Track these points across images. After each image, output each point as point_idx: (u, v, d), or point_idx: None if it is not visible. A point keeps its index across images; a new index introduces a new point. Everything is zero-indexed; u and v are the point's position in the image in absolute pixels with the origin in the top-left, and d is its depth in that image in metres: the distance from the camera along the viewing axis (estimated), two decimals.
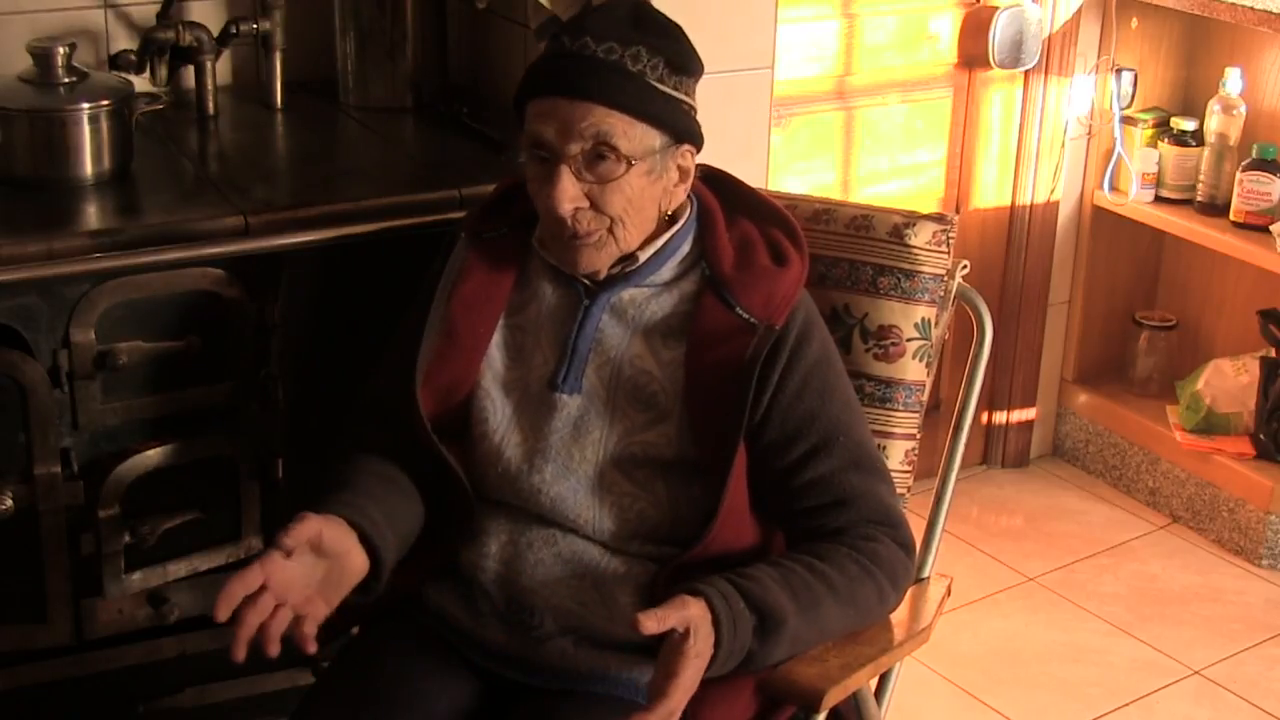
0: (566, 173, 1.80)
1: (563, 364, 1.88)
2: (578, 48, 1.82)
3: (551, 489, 1.85)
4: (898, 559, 1.85)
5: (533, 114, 1.84)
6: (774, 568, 1.77)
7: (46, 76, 2.28)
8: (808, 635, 1.77)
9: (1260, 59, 3.44)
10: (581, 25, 1.84)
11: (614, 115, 1.80)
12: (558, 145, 1.81)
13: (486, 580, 1.86)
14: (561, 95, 1.80)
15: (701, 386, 1.84)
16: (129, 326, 2.15)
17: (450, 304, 1.91)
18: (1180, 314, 3.73)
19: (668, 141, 1.85)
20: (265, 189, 2.33)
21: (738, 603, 1.69)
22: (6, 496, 2.11)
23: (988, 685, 2.98)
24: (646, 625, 1.60)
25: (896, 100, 3.34)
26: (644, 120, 1.82)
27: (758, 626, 1.71)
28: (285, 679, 2.43)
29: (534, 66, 1.87)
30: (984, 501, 3.65)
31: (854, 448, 1.86)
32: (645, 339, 1.88)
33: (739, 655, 1.70)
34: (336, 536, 1.72)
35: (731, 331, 1.84)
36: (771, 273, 1.88)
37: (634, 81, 1.81)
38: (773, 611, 1.71)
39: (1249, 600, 3.29)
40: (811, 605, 1.76)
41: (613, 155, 1.80)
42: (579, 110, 1.79)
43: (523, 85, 1.87)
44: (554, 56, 1.84)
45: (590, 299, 1.90)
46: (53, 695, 2.30)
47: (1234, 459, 3.43)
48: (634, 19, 1.86)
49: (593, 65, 1.80)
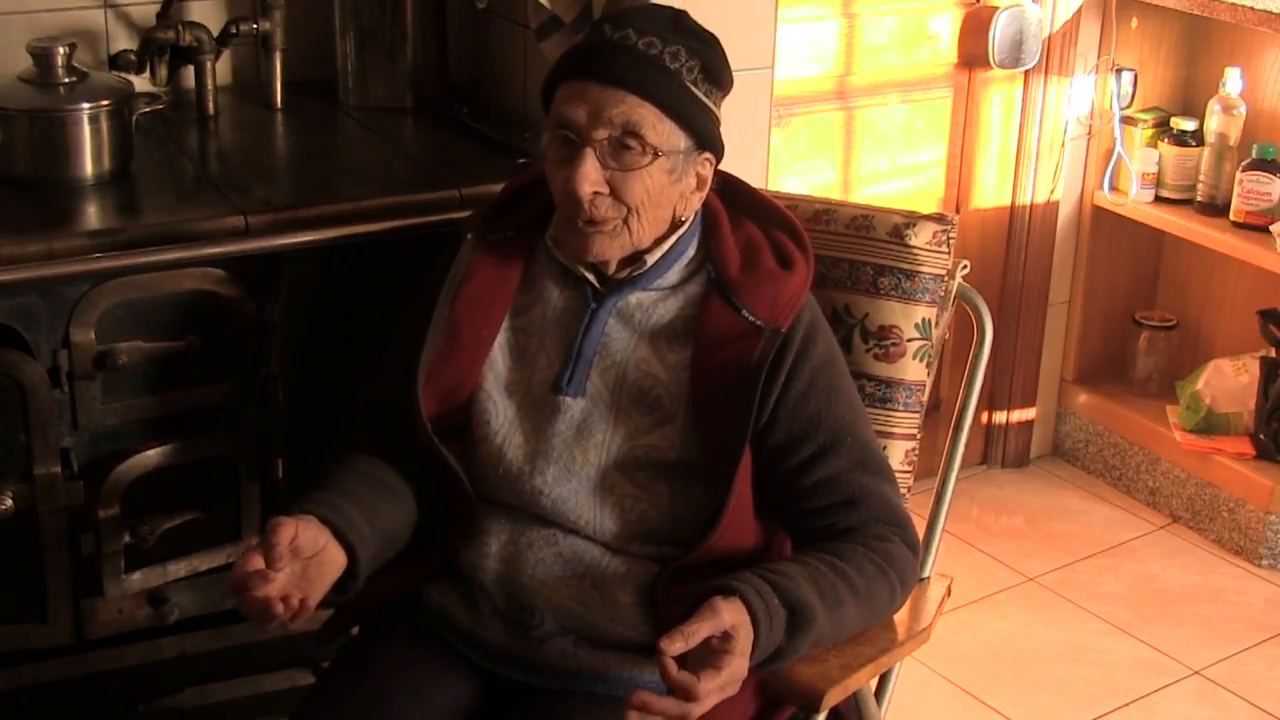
0: (591, 156, 1.81)
1: (567, 367, 1.88)
2: (619, 38, 1.83)
3: (553, 491, 1.85)
4: (907, 559, 1.86)
5: (563, 96, 1.84)
6: (801, 565, 1.77)
7: (46, 76, 2.28)
8: (830, 633, 1.77)
9: (1260, 59, 3.44)
10: (624, 18, 1.85)
11: (645, 107, 1.80)
12: (586, 128, 1.81)
13: (487, 580, 1.86)
14: (596, 80, 1.81)
15: (707, 389, 1.84)
16: (129, 326, 2.15)
17: (455, 305, 1.91)
18: (1180, 314, 3.73)
19: (692, 146, 1.85)
20: (265, 189, 2.33)
21: (772, 599, 1.69)
22: (6, 496, 2.11)
23: (988, 685, 2.98)
24: (673, 648, 1.56)
25: (896, 100, 3.34)
26: (673, 118, 1.82)
27: (789, 622, 1.70)
28: (285, 679, 2.43)
29: (571, 51, 1.88)
30: (984, 501, 3.65)
31: (861, 448, 1.86)
32: (651, 342, 1.88)
33: (769, 650, 1.70)
34: (310, 536, 1.72)
35: (737, 334, 1.84)
36: (777, 276, 1.88)
37: (670, 79, 1.82)
38: (805, 608, 1.71)
39: (1249, 600, 3.29)
40: (836, 604, 1.76)
41: (638, 145, 1.81)
42: (612, 96, 1.80)
43: (557, 68, 1.87)
44: (593, 44, 1.85)
45: (597, 302, 1.90)
46: (53, 695, 2.30)
47: (1234, 459, 3.43)
48: (675, 22, 1.87)
49: (632, 56, 1.81)
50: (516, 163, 2.42)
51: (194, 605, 2.32)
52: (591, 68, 1.82)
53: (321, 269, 2.26)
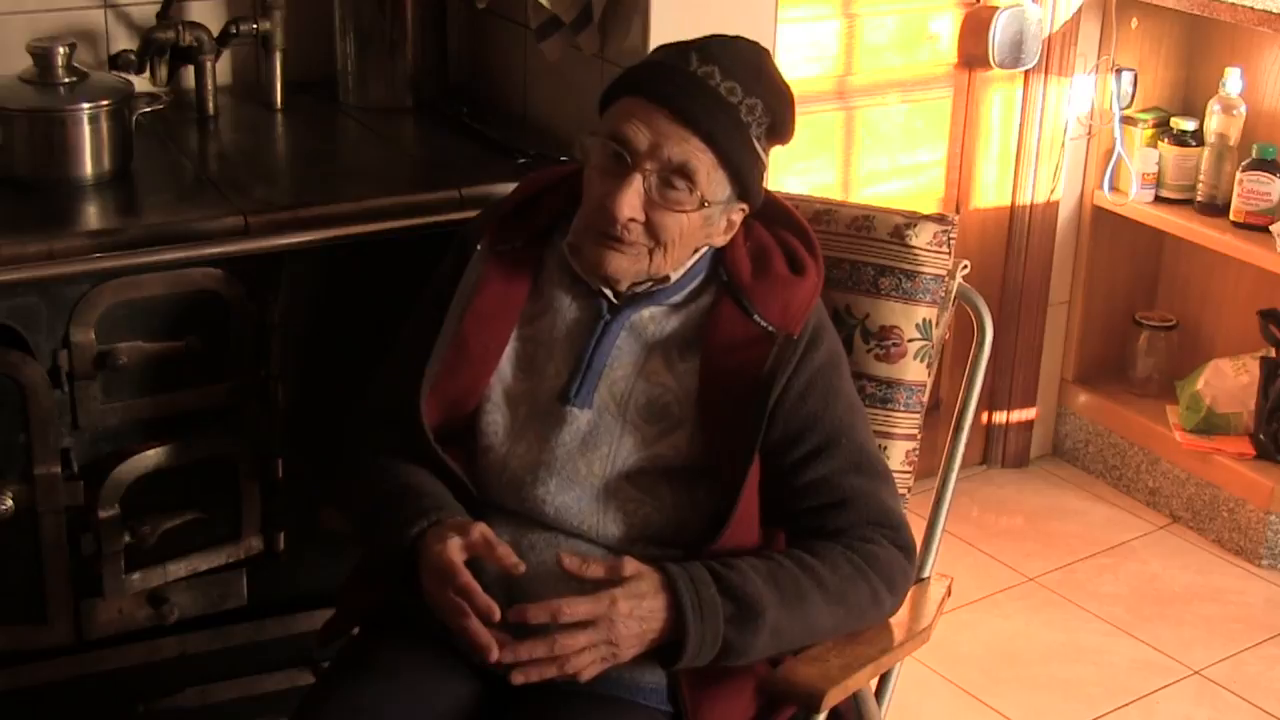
0: (638, 183, 1.79)
1: (576, 378, 1.88)
2: (703, 73, 1.81)
3: (556, 499, 1.85)
4: (895, 561, 1.85)
5: (628, 112, 1.81)
6: (760, 560, 1.77)
7: (46, 76, 2.27)
8: (793, 630, 1.77)
9: (1260, 59, 3.44)
10: (714, 53, 1.82)
11: (707, 154, 1.80)
12: (642, 155, 1.79)
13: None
14: (668, 111, 1.79)
15: (716, 393, 1.84)
16: (129, 326, 2.15)
17: (464, 319, 1.90)
18: (1180, 314, 3.73)
19: (733, 196, 1.85)
20: (265, 189, 2.33)
21: (708, 588, 1.70)
22: (6, 496, 2.11)
23: (988, 685, 2.98)
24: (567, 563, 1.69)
25: (896, 100, 3.34)
26: (727, 170, 1.82)
27: (734, 615, 1.70)
28: (285, 679, 2.43)
29: (650, 69, 1.85)
30: (984, 501, 3.65)
31: (856, 450, 1.86)
32: (662, 354, 1.88)
33: (714, 643, 1.70)
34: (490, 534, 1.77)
35: (749, 340, 1.84)
36: (789, 281, 1.88)
37: (739, 131, 1.81)
38: (751, 601, 1.71)
39: (1249, 600, 3.29)
40: (797, 599, 1.75)
41: (686, 188, 1.80)
42: (678, 134, 1.79)
43: (631, 77, 1.85)
44: (675, 71, 1.82)
45: (611, 315, 1.89)
46: (53, 695, 2.30)
47: (1234, 459, 3.43)
48: (759, 69, 1.85)
49: (712, 99, 1.80)
50: (516, 163, 2.42)
51: (194, 605, 2.31)
52: (667, 97, 1.79)
53: (321, 269, 2.26)
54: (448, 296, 1.92)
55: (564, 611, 1.67)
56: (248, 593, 2.35)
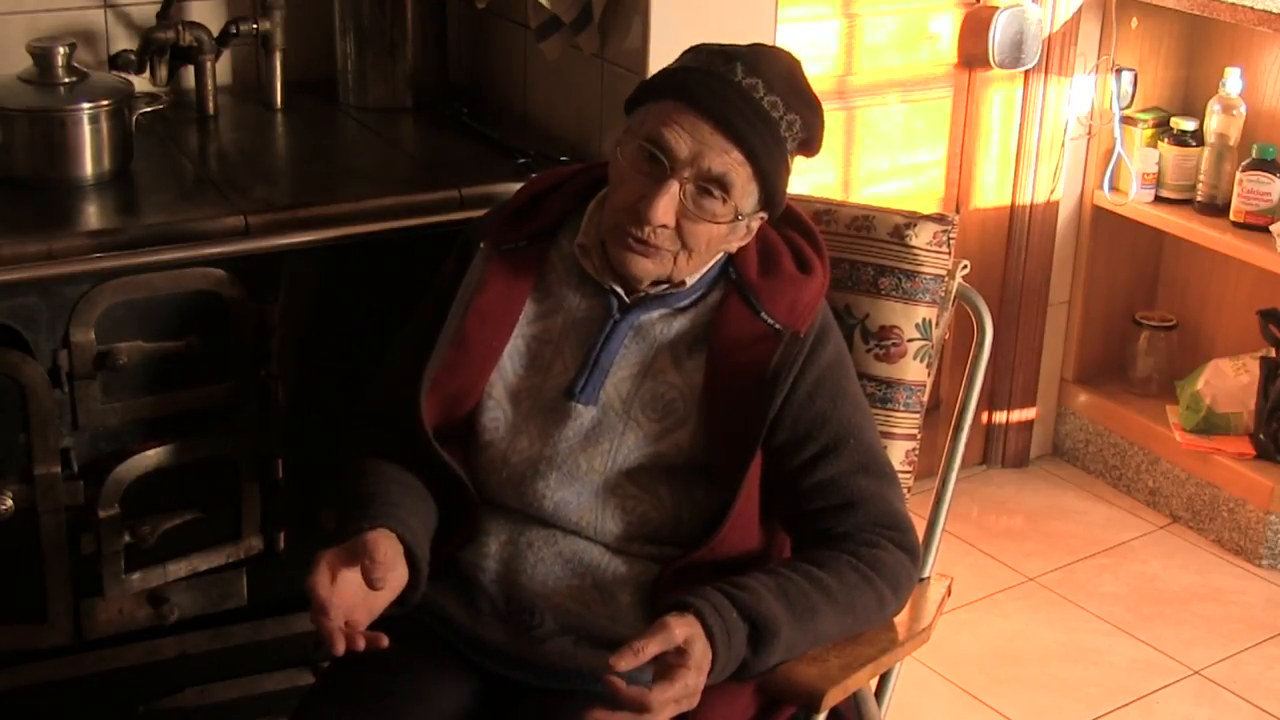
0: (674, 189, 1.79)
1: (583, 374, 1.88)
2: (748, 85, 1.80)
3: (555, 495, 1.85)
4: (900, 564, 1.85)
5: (671, 115, 1.80)
6: (770, 577, 1.77)
7: (46, 76, 2.27)
8: (803, 643, 1.77)
9: (1260, 59, 3.44)
10: (758, 65, 1.82)
11: (746, 167, 1.80)
12: (681, 162, 1.79)
13: (486, 580, 1.86)
14: (713, 122, 1.78)
15: (721, 390, 1.84)
16: (129, 326, 2.15)
17: (466, 317, 1.90)
18: (1180, 314, 3.73)
19: (758, 205, 1.85)
20: (265, 189, 2.33)
21: (730, 614, 1.69)
22: (6, 496, 2.11)
23: (988, 685, 2.98)
24: (620, 664, 1.57)
25: (896, 100, 3.34)
26: (760, 183, 1.82)
27: (751, 636, 1.70)
28: (285, 679, 2.43)
29: (696, 72, 1.83)
30: (984, 501, 3.65)
31: (863, 451, 1.86)
32: (671, 352, 1.88)
33: (733, 665, 1.70)
34: (389, 549, 1.73)
35: (755, 337, 1.84)
36: (796, 279, 1.89)
37: (779, 147, 1.82)
38: (767, 622, 1.71)
39: (1249, 600, 3.29)
40: (808, 614, 1.75)
41: (721, 198, 1.80)
42: (720, 145, 1.79)
43: (673, 81, 1.84)
44: (721, 79, 1.81)
45: (621, 314, 1.89)
46: (53, 695, 2.30)
47: (1234, 459, 3.43)
48: (793, 80, 1.85)
49: (755, 113, 1.80)
50: (516, 163, 2.42)
51: (194, 605, 2.31)
52: (711, 106, 1.79)
53: (322, 269, 2.26)
54: (450, 295, 1.92)
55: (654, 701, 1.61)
56: (248, 593, 2.35)
